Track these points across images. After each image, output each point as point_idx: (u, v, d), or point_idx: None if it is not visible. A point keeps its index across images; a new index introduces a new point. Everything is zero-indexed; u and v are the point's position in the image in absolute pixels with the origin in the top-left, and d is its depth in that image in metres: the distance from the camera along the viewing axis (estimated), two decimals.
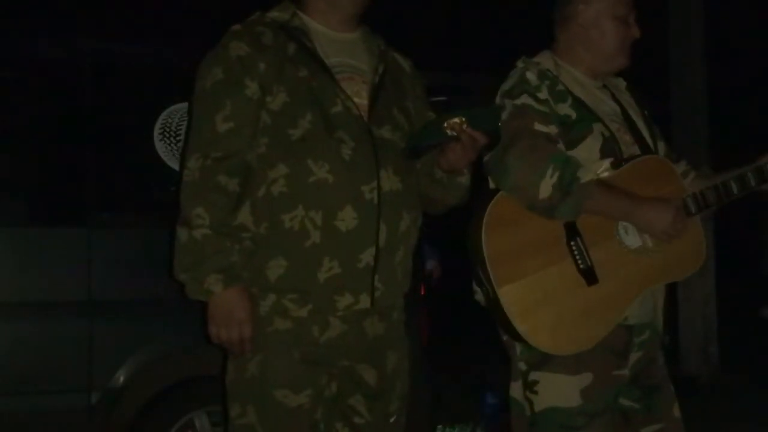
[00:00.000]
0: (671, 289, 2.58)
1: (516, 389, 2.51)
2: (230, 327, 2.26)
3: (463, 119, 2.24)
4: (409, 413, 2.55)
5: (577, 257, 2.37)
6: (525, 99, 2.41)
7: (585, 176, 2.33)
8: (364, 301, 2.31)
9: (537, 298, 2.36)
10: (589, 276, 2.37)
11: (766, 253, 5.47)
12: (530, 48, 2.60)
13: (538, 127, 2.38)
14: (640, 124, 2.57)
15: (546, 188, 2.30)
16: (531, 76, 2.45)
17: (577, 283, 2.37)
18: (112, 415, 3.25)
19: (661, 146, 2.63)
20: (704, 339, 7.10)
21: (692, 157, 6.75)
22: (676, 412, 2.55)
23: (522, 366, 2.48)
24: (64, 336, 3.22)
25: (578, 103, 2.45)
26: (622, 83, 2.66)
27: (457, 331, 6.69)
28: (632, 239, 2.43)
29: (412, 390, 2.54)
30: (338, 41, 2.41)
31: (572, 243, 2.37)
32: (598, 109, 2.48)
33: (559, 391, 2.42)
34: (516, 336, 2.38)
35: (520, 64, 2.51)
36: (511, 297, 2.35)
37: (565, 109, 2.44)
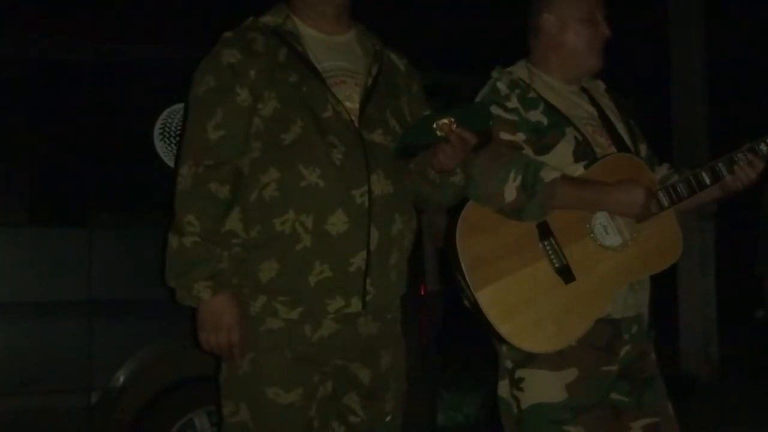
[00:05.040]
0: (655, 283, 2.58)
1: (503, 388, 2.54)
2: (219, 333, 2.29)
3: (452, 119, 2.23)
4: (409, 413, 2.55)
5: (552, 257, 2.41)
6: (494, 109, 2.44)
7: (548, 175, 2.36)
8: (356, 305, 2.32)
9: (516, 299, 2.40)
10: (566, 274, 2.41)
11: (761, 254, 5.48)
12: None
13: (503, 136, 2.43)
14: (620, 126, 2.59)
15: (510, 192, 2.35)
16: (501, 86, 2.50)
17: (554, 282, 2.41)
18: (112, 415, 3.25)
19: (643, 148, 2.65)
20: (704, 339, 7.10)
21: (692, 157, 6.77)
22: (669, 409, 2.56)
23: (508, 364, 2.51)
24: (64, 336, 3.22)
25: (550, 109, 2.49)
26: (601, 86, 2.68)
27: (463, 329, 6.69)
28: (612, 238, 2.45)
29: (411, 390, 2.54)
30: (330, 44, 2.42)
31: (545, 243, 2.41)
32: (572, 114, 2.51)
33: (544, 387, 2.45)
34: (500, 338, 2.42)
35: (494, 74, 2.55)
36: (490, 300, 2.40)
37: (536, 115, 2.48)
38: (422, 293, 3.83)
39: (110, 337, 3.27)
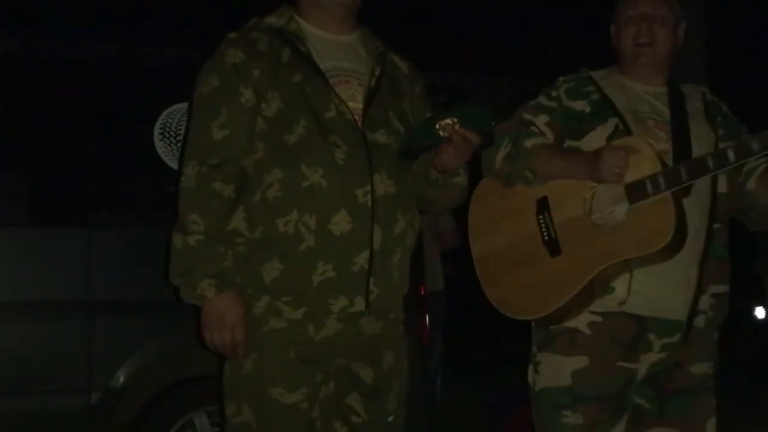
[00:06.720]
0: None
1: (529, 372, 2.58)
2: (223, 331, 2.28)
3: (455, 119, 2.24)
4: (409, 413, 2.55)
5: (543, 229, 2.50)
6: (539, 98, 2.63)
7: (529, 142, 2.50)
8: (359, 304, 2.32)
9: (505, 266, 2.55)
10: (552, 247, 2.48)
11: (759, 253, 5.51)
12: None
13: (525, 116, 2.60)
14: (698, 126, 2.57)
15: (500, 159, 2.53)
16: (560, 79, 2.66)
17: (541, 254, 2.49)
18: (112, 415, 3.26)
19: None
20: None
21: None
22: (706, 426, 2.53)
23: (533, 349, 2.57)
24: (64, 336, 3.22)
25: (602, 101, 2.56)
26: (696, 91, 2.69)
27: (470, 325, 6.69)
28: (610, 218, 2.44)
29: (410, 390, 2.54)
30: (335, 44, 2.42)
31: (540, 217, 2.51)
32: (629, 108, 2.55)
33: (553, 371, 2.49)
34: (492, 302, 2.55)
35: None
36: (483, 263, 2.59)
37: (581, 105, 2.57)
38: (422, 293, 3.83)
39: (110, 337, 3.27)
